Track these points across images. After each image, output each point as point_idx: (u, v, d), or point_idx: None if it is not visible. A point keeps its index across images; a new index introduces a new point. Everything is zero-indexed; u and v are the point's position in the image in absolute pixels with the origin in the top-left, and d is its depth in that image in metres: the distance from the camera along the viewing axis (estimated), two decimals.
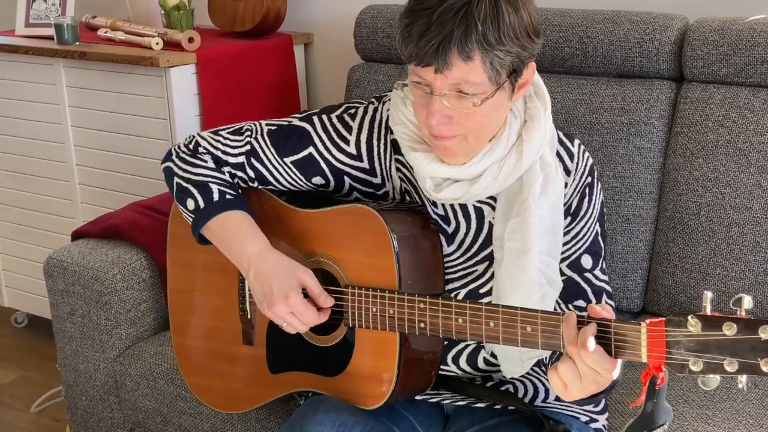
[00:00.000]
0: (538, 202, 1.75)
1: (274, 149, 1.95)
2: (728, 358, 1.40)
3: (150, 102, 3.11)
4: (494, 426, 1.86)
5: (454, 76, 1.63)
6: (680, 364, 1.44)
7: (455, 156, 1.74)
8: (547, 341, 1.60)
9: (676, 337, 1.44)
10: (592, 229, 1.85)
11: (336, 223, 1.88)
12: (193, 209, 1.96)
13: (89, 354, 2.54)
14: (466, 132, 1.70)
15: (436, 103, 1.67)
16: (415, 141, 1.80)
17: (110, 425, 2.57)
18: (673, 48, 2.46)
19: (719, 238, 2.34)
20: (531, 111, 1.79)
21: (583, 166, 1.84)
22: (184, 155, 2.01)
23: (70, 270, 2.52)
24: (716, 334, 1.41)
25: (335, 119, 1.93)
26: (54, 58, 3.27)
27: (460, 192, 1.78)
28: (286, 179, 1.96)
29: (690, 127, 2.41)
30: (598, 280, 1.85)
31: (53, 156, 3.42)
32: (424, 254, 1.85)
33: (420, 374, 1.87)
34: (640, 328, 1.48)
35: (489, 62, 1.63)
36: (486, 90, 1.66)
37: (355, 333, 1.86)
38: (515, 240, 1.75)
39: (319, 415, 1.83)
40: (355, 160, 1.92)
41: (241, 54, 3.19)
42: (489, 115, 1.69)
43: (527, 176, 1.77)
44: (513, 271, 1.75)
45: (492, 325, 1.66)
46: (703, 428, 2.02)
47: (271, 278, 1.84)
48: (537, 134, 1.76)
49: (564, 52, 2.58)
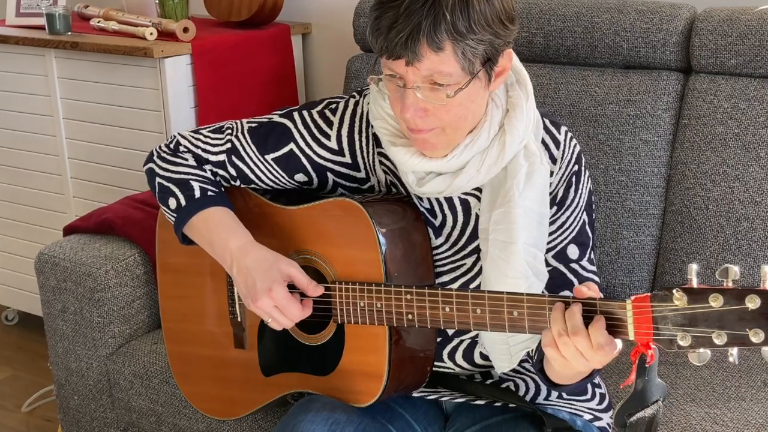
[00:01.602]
0: (523, 192, 1.76)
1: (255, 147, 1.95)
2: (716, 330, 1.40)
3: (144, 93, 3.11)
4: (496, 424, 1.86)
5: (425, 67, 1.63)
6: (668, 339, 1.45)
7: (435, 149, 1.75)
8: (534, 324, 1.62)
9: (663, 312, 1.44)
10: (579, 219, 1.85)
11: (320, 219, 1.89)
12: (175, 208, 1.97)
13: (81, 352, 2.54)
14: (443, 124, 1.70)
15: (409, 96, 1.67)
16: (394, 135, 1.81)
17: (103, 425, 2.57)
18: (681, 38, 2.46)
19: (728, 233, 2.34)
20: (513, 100, 1.79)
21: (569, 153, 1.84)
22: (165, 155, 2.02)
23: (62, 266, 2.52)
24: (703, 307, 1.40)
25: (316, 114, 1.93)
26: (45, 49, 3.26)
27: (443, 185, 1.78)
28: (269, 177, 1.97)
29: (698, 119, 2.40)
30: (585, 270, 1.85)
31: (44, 149, 3.42)
32: (412, 246, 1.85)
33: (413, 369, 1.87)
34: (626, 305, 1.49)
35: (461, 52, 1.63)
36: (459, 80, 1.66)
37: (344, 329, 1.86)
38: (500, 231, 1.76)
39: (311, 413, 1.83)
40: (337, 155, 1.92)
41: (237, 44, 3.19)
42: (465, 105, 1.69)
43: (511, 166, 1.77)
44: (498, 264, 1.76)
45: (479, 312, 1.67)
46: (711, 428, 2.02)
47: (255, 272, 1.85)
48: (519, 123, 1.76)
49: (568, 42, 2.57)
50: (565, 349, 1.54)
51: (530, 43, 2.62)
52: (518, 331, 1.65)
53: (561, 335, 1.54)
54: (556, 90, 2.55)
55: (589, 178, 1.89)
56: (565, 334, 1.53)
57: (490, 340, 1.82)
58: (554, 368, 1.66)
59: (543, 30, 2.60)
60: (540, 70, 2.59)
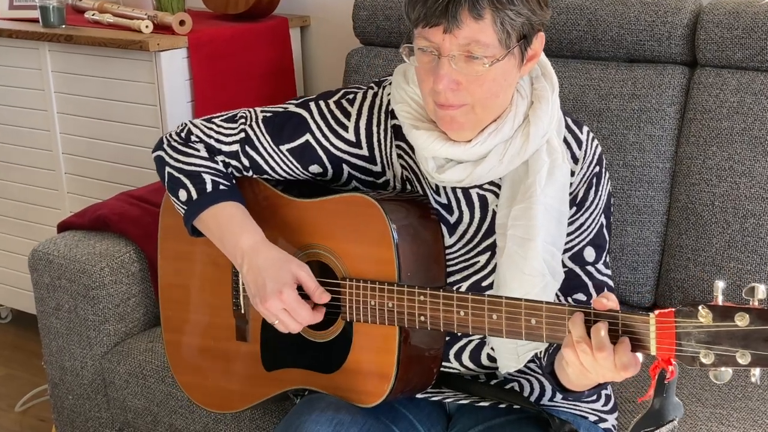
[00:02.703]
0: (545, 189, 1.75)
1: (270, 137, 1.94)
2: (740, 350, 1.39)
3: (139, 87, 3.10)
4: (499, 426, 1.86)
5: (463, 36, 1.64)
6: (691, 356, 1.44)
7: (462, 129, 1.74)
8: (552, 334, 1.61)
9: (687, 329, 1.44)
10: (598, 221, 1.85)
11: (333, 213, 1.88)
12: (185, 200, 1.96)
13: (76, 351, 2.54)
14: (473, 100, 1.70)
15: (444, 66, 1.67)
16: (417, 119, 1.80)
17: (98, 425, 2.56)
18: (686, 31, 2.46)
19: (734, 229, 2.34)
20: (538, 92, 1.79)
21: (591, 154, 1.84)
22: (175, 144, 2.00)
23: (56, 263, 2.52)
24: (728, 325, 1.40)
25: (333, 105, 1.92)
26: (39, 42, 3.25)
27: (463, 174, 1.77)
28: (282, 168, 1.96)
29: (703, 113, 2.40)
30: (600, 274, 1.85)
31: (38, 144, 3.41)
32: (425, 246, 1.84)
33: (421, 371, 1.86)
34: (649, 319, 1.49)
35: (500, 22, 1.64)
36: (495, 53, 1.66)
37: (353, 327, 1.86)
38: (519, 227, 1.75)
39: (315, 413, 1.83)
40: (354, 147, 1.91)
41: (234, 38, 3.18)
42: (498, 81, 1.69)
43: (533, 161, 1.77)
44: (515, 260, 1.75)
45: (495, 318, 1.66)
46: (717, 428, 2.02)
47: (265, 272, 1.84)
48: (544, 115, 1.76)
49: (572, 35, 2.57)
50: (585, 358, 1.53)
51: None
52: (535, 340, 1.64)
53: (579, 342, 1.53)
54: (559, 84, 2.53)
55: (609, 180, 1.89)
56: (584, 343, 1.52)
57: (499, 340, 1.81)
58: (568, 375, 1.64)
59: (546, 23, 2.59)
60: None
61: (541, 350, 1.79)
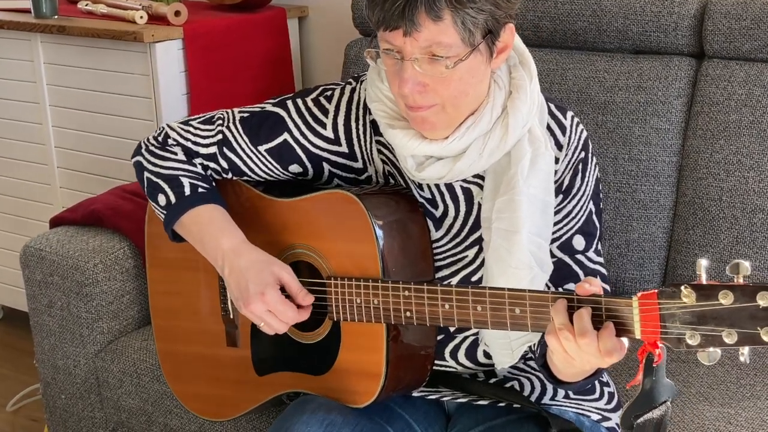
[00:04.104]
0: (528, 179, 1.75)
1: (247, 137, 1.95)
2: (726, 329, 1.39)
3: (134, 80, 3.10)
4: (500, 426, 1.85)
5: (424, 38, 1.63)
6: (676, 338, 1.44)
7: (435, 128, 1.74)
8: (536, 323, 1.61)
9: (671, 310, 1.44)
10: (586, 208, 1.85)
11: (315, 212, 1.88)
12: (165, 205, 1.97)
13: (69, 349, 2.54)
14: (442, 100, 1.70)
15: (407, 69, 1.67)
16: (393, 118, 1.80)
17: (91, 425, 2.56)
18: (693, 22, 2.46)
19: (742, 225, 2.33)
20: (516, 81, 1.78)
21: (576, 139, 1.84)
22: (153, 148, 2.01)
23: (48, 259, 2.51)
24: (712, 304, 1.40)
25: (310, 102, 1.93)
26: (31, 33, 3.25)
27: (443, 170, 1.77)
28: (262, 169, 1.96)
29: (711, 106, 2.40)
30: (591, 262, 1.85)
31: (30, 137, 3.41)
32: (410, 240, 1.84)
33: (413, 368, 1.86)
34: (632, 302, 1.49)
35: (460, 21, 1.63)
36: (459, 52, 1.66)
37: (341, 327, 1.86)
38: (504, 220, 1.75)
39: (306, 414, 1.83)
40: (333, 145, 1.91)
41: (231, 28, 3.18)
42: (465, 80, 1.69)
43: (515, 151, 1.77)
44: (501, 253, 1.75)
45: (480, 309, 1.67)
46: (725, 428, 2.02)
47: (247, 274, 1.85)
48: (523, 106, 1.76)
49: (576, 26, 2.57)
50: (568, 345, 1.54)
51: (536, 27, 2.61)
52: (520, 329, 1.64)
53: (562, 329, 1.53)
54: (563, 76, 2.55)
55: (596, 165, 1.88)
56: (566, 330, 1.53)
57: (491, 335, 1.82)
58: (556, 364, 1.65)
59: (549, 13, 2.59)
60: (546, 55, 2.59)
61: (535, 342, 1.79)
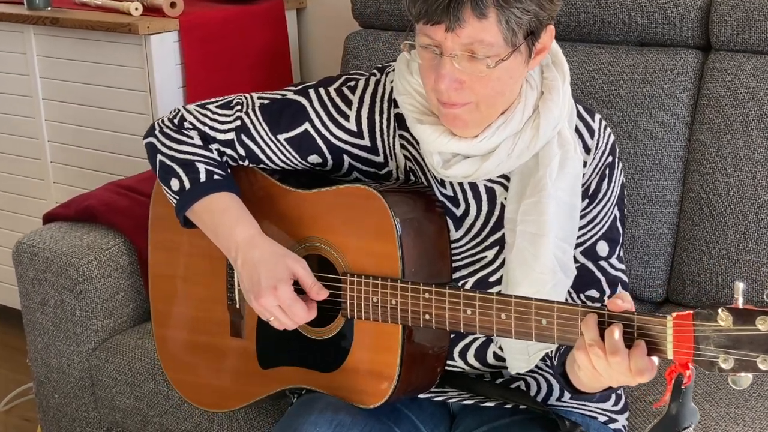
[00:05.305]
0: (556, 182, 1.74)
1: (267, 125, 1.93)
2: (762, 355, 1.39)
3: (128, 72, 3.10)
4: (505, 426, 1.85)
5: (466, 35, 1.62)
6: (709, 361, 1.44)
7: (466, 126, 1.73)
8: (563, 335, 1.59)
9: (705, 332, 1.43)
10: (611, 214, 1.84)
11: (334, 205, 1.87)
12: (178, 190, 1.95)
13: (62, 347, 2.53)
14: (477, 99, 1.69)
15: (446, 65, 1.65)
16: (421, 113, 1.79)
17: (85, 425, 2.56)
18: (700, 14, 2.45)
19: (750, 221, 2.33)
20: (548, 82, 1.77)
21: (604, 144, 1.83)
22: (168, 130, 1.99)
23: (42, 256, 2.51)
24: (749, 329, 1.39)
25: (333, 93, 1.91)
26: (24, 25, 3.25)
27: (471, 169, 1.76)
28: (280, 158, 1.95)
29: (718, 100, 2.39)
30: (613, 269, 1.84)
31: (23, 132, 3.41)
32: (430, 240, 1.83)
33: (424, 370, 1.86)
34: (666, 322, 1.47)
35: (505, 21, 1.62)
36: (500, 52, 1.64)
37: (353, 325, 1.85)
38: (529, 223, 1.74)
39: (314, 414, 1.82)
40: (355, 137, 1.90)
41: (227, 20, 3.18)
42: (503, 80, 1.68)
43: (544, 153, 1.76)
44: (525, 257, 1.74)
45: (504, 318, 1.65)
46: (731, 428, 2.02)
47: (260, 267, 1.83)
48: (555, 107, 1.75)
49: (580, 18, 2.56)
50: (598, 362, 1.52)
51: None
52: (546, 341, 1.62)
53: (592, 346, 1.51)
54: None
55: (622, 170, 1.88)
56: (597, 346, 1.51)
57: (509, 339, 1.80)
58: (580, 378, 1.62)
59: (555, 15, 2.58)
60: None
61: (552, 350, 1.78)
